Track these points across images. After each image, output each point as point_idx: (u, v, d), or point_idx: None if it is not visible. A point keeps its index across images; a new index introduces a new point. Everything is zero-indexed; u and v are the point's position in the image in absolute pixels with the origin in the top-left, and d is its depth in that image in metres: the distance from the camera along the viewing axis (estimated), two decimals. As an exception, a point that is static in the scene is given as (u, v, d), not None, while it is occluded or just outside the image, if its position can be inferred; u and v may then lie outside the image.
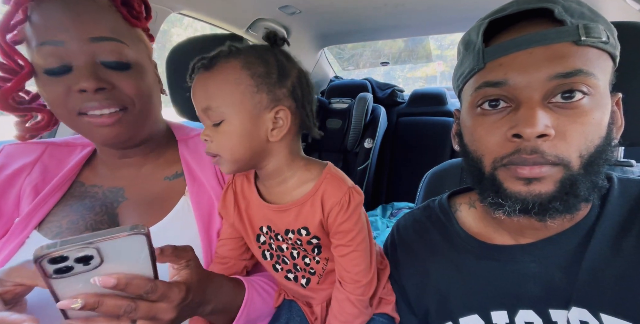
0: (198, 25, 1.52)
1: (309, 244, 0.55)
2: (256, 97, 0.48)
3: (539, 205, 0.42)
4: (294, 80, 0.51)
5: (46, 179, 0.62)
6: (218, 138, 0.50)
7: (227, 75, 0.48)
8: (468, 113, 0.49)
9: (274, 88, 0.49)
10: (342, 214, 0.51)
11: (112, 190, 0.64)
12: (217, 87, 0.49)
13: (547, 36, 0.41)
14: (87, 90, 0.51)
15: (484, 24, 0.44)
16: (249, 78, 0.48)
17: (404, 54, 3.03)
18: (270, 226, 0.56)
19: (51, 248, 0.32)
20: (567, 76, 0.40)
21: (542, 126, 0.40)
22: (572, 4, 0.42)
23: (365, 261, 0.54)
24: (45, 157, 0.65)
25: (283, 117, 0.50)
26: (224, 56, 0.50)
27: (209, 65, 0.49)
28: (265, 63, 0.49)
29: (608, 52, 0.42)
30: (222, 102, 0.48)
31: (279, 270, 0.59)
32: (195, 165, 0.67)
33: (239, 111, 0.48)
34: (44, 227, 0.58)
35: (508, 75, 0.42)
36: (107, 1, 0.56)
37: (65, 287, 0.34)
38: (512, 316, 0.47)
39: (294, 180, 0.54)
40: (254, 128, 0.49)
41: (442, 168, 0.81)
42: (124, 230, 0.34)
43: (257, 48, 0.52)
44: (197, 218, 0.62)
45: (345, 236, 0.52)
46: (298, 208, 0.53)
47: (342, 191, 0.51)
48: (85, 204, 0.61)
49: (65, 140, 0.69)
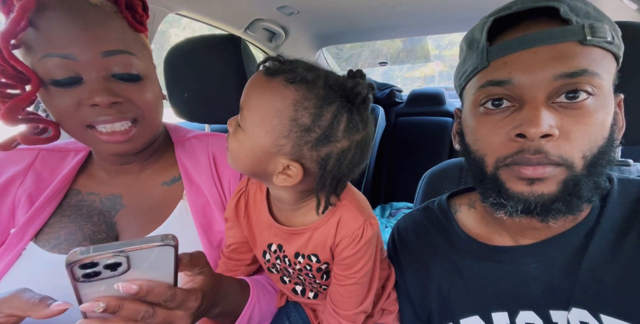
0: (196, 26, 1.52)
1: (318, 271, 0.53)
2: (282, 140, 0.43)
3: (541, 205, 0.42)
4: (335, 151, 0.44)
5: (40, 187, 0.60)
6: (234, 137, 0.47)
7: (274, 100, 0.42)
8: (470, 112, 0.48)
9: (304, 145, 0.43)
10: (351, 247, 0.48)
11: (110, 198, 0.62)
12: (259, 103, 0.43)
13: (553, 35, 0.40)
14: (101, 105, 0.51)
15: (488, 22, 0.44)
16: (287, 120, 0.42)
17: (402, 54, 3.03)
18: (282, 245, 0.53)
19: (84, 254, 0.33)
20: (572, 76, 0.40)
21: (547, 126, 0.39)
22: (577, 3, 0.41)
23: (362, 293, 0.52)
24: (37, 164, 0.63)
25: (294, 173, 0.44)
26: (290, 77, 0.42)
27: (273, 74, 0.43)
28: (316, 116, 0.41)
29: (612, 52, 0.42)
30: (252, 117, 0.44)
31: (287, 283, 0.58)
32: (192, 169, 0.66)
33: (260, 137, 0.43)
34: (41, 238, 0.57)
35: (512, 74, 0.42)
36: (111, 7, 0.55)
37: (89, 290, 0.35)
38: (513, 317, 0.47)
39: (308, 208, 0.51)
40: (263, 158, 0.45)
41: (441, 168, 0.81)
42: (155, 240, 0.35)
43: (326, 92, 0.42)
44: (196, 221, 0.61)
45: (348, 268, 0.50)
46: (311, 233, 0.50)
47: (357, 224, 0.48)
48: (82, 213, 0.60)
49: (56, 146, 0.67)
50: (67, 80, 0.50)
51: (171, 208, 0.62)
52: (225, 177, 0.67)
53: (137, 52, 0.56)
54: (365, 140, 0.45)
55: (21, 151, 0.64)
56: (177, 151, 0.69)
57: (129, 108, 0.54)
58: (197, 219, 0.62)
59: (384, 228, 1.76)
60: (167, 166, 0.68)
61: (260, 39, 1.74)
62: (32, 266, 0.54)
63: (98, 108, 0.51)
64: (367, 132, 0.45)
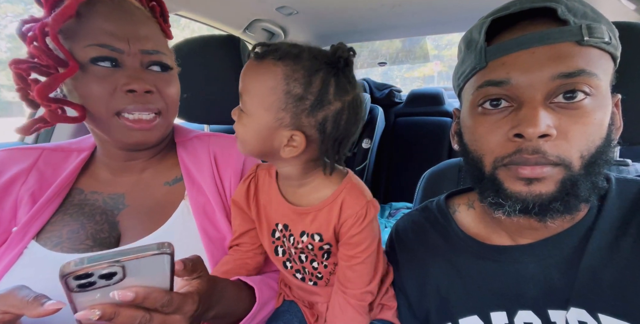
0: (195, 26, 1.52)
1: (320, 249, 0.54)
2: (280, 113, 0.47)
3: (539, 205, 0.42)
4: (330, 114, 0.47)
5: (43, 186, 0.61)
6: (239, 122, 0.51)
7: (267, 79, 0.46)
8: (469, 112, 0.48)
9: (301, 114, 0.46)
10: (356, 226, 0.51)
11: (113, 197, 0.63)
12: (254, 84, 0.48)
13: (550, 36, 0.41)
14: (137, 91, 0.55)
15: (486, 23, 0.44)
16: (282, 94, 0.46)
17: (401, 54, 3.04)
18: (288, 225, 0.56)
19: (78, 265, 0.32)
20: (569, 76, 0.40)
21: (544, 126, 0.39)
22: (575, 4, 0.41)
23: (369, 273, 0.54)
24: (40, 163, 0.64)
25: (298, 142, 0.48)
26: (276, 55, 0.46)
27: (261, 57, 0.47)
28: (306, 85, 0.45)
29: (609, 52, 0.42)
30: (251, 99, 0.48)
31: (288, 268, 0.59)
32: (193, 168, 0.67)
33: (261, 115, 0.47)
34: (42, 237, 0.57)
35: (510, 75, 0.42)
36: (149, 12, 0.61)
37: (84, 299, 0.35)
38: (512, 316, 0.47)
39: (313, 185, 0.54)
40: (268, 135, 0.48)
41: (440, 168, 0.81)
42: (151, 249, 0.34)
43: (311, 62, 0.46)
44: (198, 221, 0.62)
45: (354, 248, 0.52)
46: (315, 213, 0.53)
47: (360, 204, 0.51)
48: (85, 212, 0.60)
49: (59, 145, 0.68)
50: (106, 58, 0.54)
51: (173, 208, 0.63)
52: (226, 177, 0.68)
53: (167, 53, 0.61)
54: (356, 100, 0.48)
55: (24, 150, 0.65)
56: (179, 151, 0.70)
57: (156, 100, 0.58)
58: (199, 219, 0.62)
59: (383, 228, 1.76)
60: (170, 166, 0.69)
61: (259, 40, 1.75)
62: (33, 264, 0.54)
63: (131, 95, 0.55)
64: (355, 92, 0.48)
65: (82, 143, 0.69)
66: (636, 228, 0.45)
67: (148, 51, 0.57)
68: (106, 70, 0.54)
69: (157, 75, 0.58)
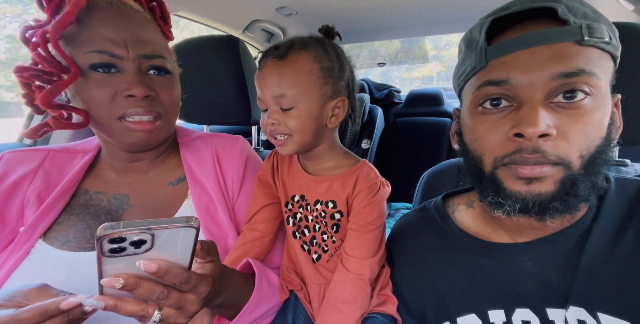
0: (194, 27, 1.52)
1: (331, 218, 0.59)
2: (324, 88, 0.55)
3: (539, 204, 0.42)
4: (349, 74, 0.58)
5: (49, 187, 0.62)
6: (288, 122, 0.55)
7: (302, 66, 0.53)
8: (469, 112, 0.49)
9: (337, 81, 0.56)
10: (369, 198, 0.56)
11: (117, 197, 0.64)
12: (292, 76, 0.53)
13: (550, 35, 0.41)
14: (137, 96, 0.55)
15: (486, 22, 0.44)
16: (319, 71, 0.54)
17: (400, 55, 3.04)
18: (304, 195, 0.62)
19: (115, 229, 0.34)
20: (569, 76, 0.40)
21: (544, 126, 0.40)
22: (575, 4, 0.42)
23: (376, 243, 0.58)
24: (46, 164, 0.65)
25: (341, 106, 0.57)
26: (297, 48, 0.54)
27: (284, 55, 0.54)
28: (330, 57, 0.55)
29: (609, 52, 0.42)
30: (297, 90, 0.53)
31: (297, 238, 0.64)
32: (196, 168, 0.68)
33: (310, 99, 0.54)
34: (49, 236, 0.58)
35: (510, 74, 0.42)
36: (149, 15, 0.61)
37: (111, 266, 0.36)
38: (509, 315, 0.47)
39: (332, 163, 0.61)
40: (319, 114, 0.56)
41: (439, 169, 0.81)
42: (180, 221, 0.36)
43: (322, 42, 0.57)
44: (200, 220, 0.62)
45: (365, 218, 0.57)
46: (330, 182, 0.59)
47: (375, 179, 0.58)
48: (91, 212, 0.61)
49: (64, 147, 0.69)
50: (106, 65, 0.54)
51: (176, 207, 0.64)
52: (228, 176, 0.69)
53: (168, 57, 0.62)
54: (350, 61, 0.60)
55: (31, 152, 0.66)
56: (182, 152, 0.71)
57: (156, 104, 0.59)
58: (201, 217, 0.63)
59: (383, 228, 1.76)
60: (173, 166, 0.70)
61: (258, 40, 1.75)
62: (41, 263, 0.55)
63: (131, 99, 0.56)
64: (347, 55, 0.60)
65: (87, 145, 0.70)
66: (635, 227, 0.45)
67: (147, 55, 0.57)
68: (106, 76, 0.55)
69: (156, 79, 0.59)
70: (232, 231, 0.65)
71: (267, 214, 0.65)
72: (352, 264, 0.56)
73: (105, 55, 0.54)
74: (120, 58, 0.55)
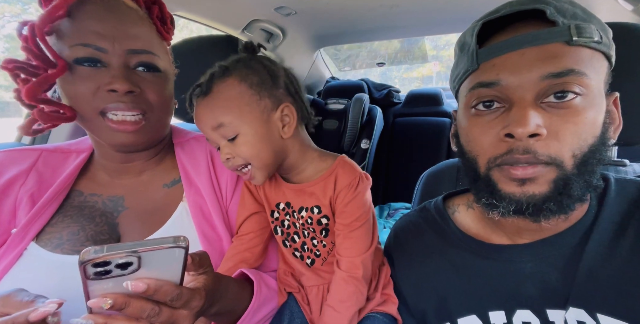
0: (194, 27, 1.51)
1: (318, 224, 0.59)
2: (261, 103, 0.54)
3: (533, 206, 0.42)
4: (284, 78, 0.57)
5: (42, 188, 0.61)
6: (240, 151, 0.54)
7: (228, 92, 0.53)
8: (463, 114, 0.49)
9: (272, 91, 0.54)
10: (350, 194, 0.56)
11: (112, 199, 0.63)
12: (222, 105, 0.53)
13: (539, 36, 0.41)
14: (118, 91, 0.53)
15: (477, 26, 0.45)
16: (248, 89, 0.53)
17: (400, 55, 3.04)
18: (290, 202, 0.61)
19: (98, 253, 0.33)
20: (558, 76, 0.40)
21: (534, 126, 0.40)
22: (564, 5, 0.42)
23: (365, 241, 0.57)
24: (39, 165, 0.63)
25: (289, 113, 0.56)
26: (218, 77, 0.54)
27: (207, 90, 0.54)
28: (256, 72, 0.54)
29: (602, 51, 0.42)
30: (233, 117, 0.53)
31: (287, 246, 0.64)
32: (191, 170, 0.67)
33: (251, 121, 0.53)
34: (43, 238, 0.57)
35: (500, 76, 0.43)
36: (144, 13, 0.59)
37: (97, 287, 0.36)
38: (510, 316, 0.47)
39: (310, 169, 0.60)
40: (268, 131, 0.54)
41: (439, 169, 0.81)
42: (167, 242, 0.35)
43: (243, 60, 0.56)
44: (196, 222, 0.62)
45: (349, 216, 0.56)
46: (313, 188, 0.58)
47: (353, 175, 0.57)
48: (85, 214, 0.60)
49: (58, 146, 0.68)
50: (91, 59, 0.53)
51: (172, 210, 0.63)
52: (223, 178, 0.68)
53: (161, 55, 0.60)
54: (285, 67, 0.59)
55: (23, 151, 0.65)
56: (177, 153, 0.69)
57: (141, 100, 0.56)
58: (197, 220, 0.62)
59: (382, 228, 1.76)
60: (168, 168, 0.69)
61: (258, 40, 1.74)
62: (33, 266, 0.54)
63: (114, 94, 0.54)
64: (277, 60, 0.60)
65: (81, 145, 0.69)
66: (635, 228, 0.45)
67: (135, 50, 0.55)
68: (91, 70, 0.53)
69: (144, 76, 0.57)
70: (227, 234, 0.64)
71: (256, 224, 0.64)
72: (344, 263, 0.56)
73: (90, 49, 0.53)
74: (105, 51, 0.53)
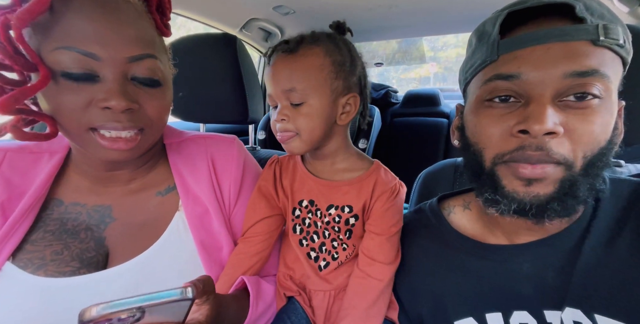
0: (191, 25, 1.51)
1: (346, 224, 0.58)
2: (335, 83, 0.54)
3: (536, 206, 0.42)
4: (361, 69, 0.57)
5: (12, 196, 0.52)
6: (298, 118, 0.53)
7: (313, 60, 0.52)
8: (474, 106, 0.47)
9: (348, 76, 0.55)
10: (390, 200, 0.56)
11: (98, 209, 0.55)
12: (303, 70, 0.52)
13: (567, 32, 0.40)
14: (115, 109, 0.46)
15: (502, 15, 0.43)
16: (330, 65, 0.53)
17: (397, 55, 3.05)
18: (314, 200, 0.60)
19: (100, 312, 0.32)
20: (582, 75, 0.39)
21: (551, 123, 0.39)
22: (593, 3, 0.41)
23: (397, 248, 0.58)
24: (4, 169, 0.54)
25: (352, 103, 0.56)
26: (308, 42, 0.53)
27: (294, 49, 0.53)
28: (341, 52, 0.54)
29: (621, 56, 0.41)
30: (308, 84, 0.52)
31: (303, 245, 0.62)
32: (188, 175, 0.61)
33: (321, 94, 0.53)
34: (21, 258, 0.49)
35: (522, 69, 0.41)
36: (142, 6, 0.51)
37: None
38: (507, 317, 0.47)
39: (345, 164, 0.60)
40: (329, 111, 0.54)
41: (436, 169, 0.81)
42: (174, 294, 0.34)
43: (334, 37, 0.56)
44: (194, 235, 0.57)
45: (387, 221, 0.56)
46: (348, 187, 0.58)
47: (393, 181, 0.58)
48: (68, 229, 0.53)
49: (25, 146, 0.57)
50: (82, 76, 0.45)
51: (167, 221, 0.57)
52: (225, 183, 0.62)
53: (161, 56, 0.52)
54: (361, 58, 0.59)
55: None
56: (171, 156, 0.62)
57: (139, 117, 0.49)
58: (195, 232, 0.57)
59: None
60: (161, 174, 0.61)
61: (256, 39, 1.74)
62: (13, 290, 0.47)
63: (109, 112, 0.46)
64: None
65: (54, 145, 0.58)
66: (631, 228, 0.45)
67: (136, 57, 0.47)
68: (80, 82, 0.45)
69: (143, 88, 0.49)
70: (229, 242, 0.60)
71: (265, 226, 0.62)
72: (376, 269, 0.55)
73: (76, 53, 0.44)
74: (98, 59, 0.45)
